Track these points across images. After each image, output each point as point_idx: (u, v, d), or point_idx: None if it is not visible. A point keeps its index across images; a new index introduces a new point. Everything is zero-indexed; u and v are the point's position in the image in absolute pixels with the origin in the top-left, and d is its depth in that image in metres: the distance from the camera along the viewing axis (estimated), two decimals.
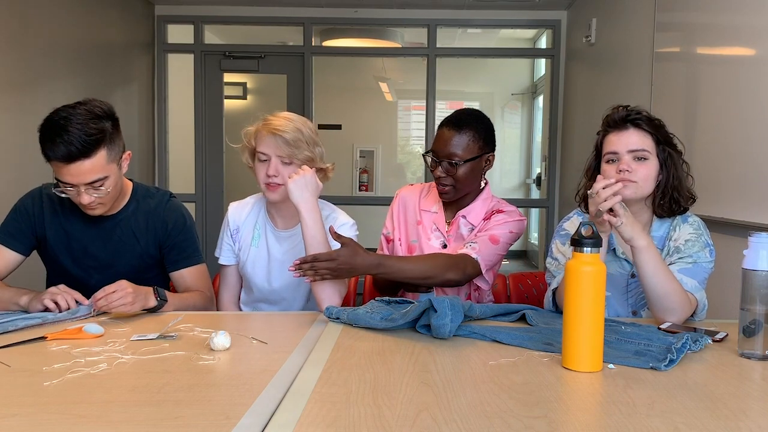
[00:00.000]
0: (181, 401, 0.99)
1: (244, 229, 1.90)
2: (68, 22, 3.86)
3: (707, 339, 1.31)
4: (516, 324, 1.51)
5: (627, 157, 1.55)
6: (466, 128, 1.83)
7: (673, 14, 3.00)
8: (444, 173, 1.84)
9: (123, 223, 1.77)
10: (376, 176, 7.57)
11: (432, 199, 1.99)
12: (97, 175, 1.59)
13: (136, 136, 4.79)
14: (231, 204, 1.96)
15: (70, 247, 1.76)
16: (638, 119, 1.57)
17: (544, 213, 5.39)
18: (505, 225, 1.87)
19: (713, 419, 0.92)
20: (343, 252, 1.59)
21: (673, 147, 1.59)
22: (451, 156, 1.81)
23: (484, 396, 1.00)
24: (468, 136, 1.83)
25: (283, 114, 1.80)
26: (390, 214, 2.04)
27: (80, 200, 1.61)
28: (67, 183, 1.59)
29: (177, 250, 1.80)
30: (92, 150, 1.56)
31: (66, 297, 1.54)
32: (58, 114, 1.56)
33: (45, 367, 1.15)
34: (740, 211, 2.27)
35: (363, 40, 5.88)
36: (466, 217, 1.92)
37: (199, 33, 5.22)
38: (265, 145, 1.75)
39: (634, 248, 1.43)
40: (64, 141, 1.52)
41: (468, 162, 1.83)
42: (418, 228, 1.97)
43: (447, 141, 1.82)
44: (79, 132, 1.53)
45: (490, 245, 1.82)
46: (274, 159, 1.75)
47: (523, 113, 7.89)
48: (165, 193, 1.86)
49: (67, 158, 1.54)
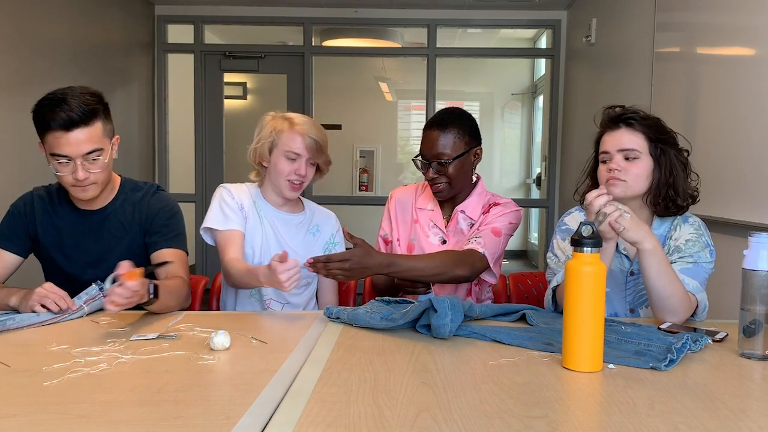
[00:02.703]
0: (181, 401, 0.99)
1: (245, 206, 1.90)
2: (68, 23, 3.86)
3: (707, 339, 1.31)
4: (516, 324, 1.51)
5: (618, 157, 1.56)
6: (450, 126, 1.87)
7: (673, 14, 3.00)
8: (436, 174, 1.88)
9: (112, 215, 1.79)
10: (376, 176, 7.57)
11: (427, 197, 2.01)
12: (94, 145, 1.63)
13: (136, 136, 4.79)
14: (224, 185, 1.93)
15: (62, 244, 1.77)
16: (630, 118, 1.58)
17: (544, 213, 5.39)
18: (504, 217, 1.90)
19: (713, 419, 0.92)
20: (357, 253, 1.61)
21: (671, 145, 1.58)
22: (439, 156, 1.85)
23: (484, 396, 1.00)
24: (453, 134, 1.87)
25: (302, 115, 1.91)
26: (386, 216, 2.06)
27: (76, 175, 1.63)
28: (64, 156, 1.61)
29: (160, 233, 1.79)
30: (90, 119, 1.62)
31: (56, 299, 1.54)
32: (54, 92, 1.63)
33: (45, 367, 1.15)
34: (740, 211, 2.27)
35: (363, 40, 5.88)
36: (465, 212, 1.95)
37: (199, 33, 5.22)
38: (298, 145, 1.83)
39: (641, 251, 1.43)
40: (64, 109, 1.59)
41: (457, 159, 1.86)
42: (415, 227, 1.99)
43: (434, 142, 1.87)
44: (77, 102, 1.60)
45: (494, 238, 1.85)
46: (304, 160, 1.84)
47: (523, 113, 7.88)
48: (152, 185, 1.88)
49: (68, 124, 1.59)
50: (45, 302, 1.54)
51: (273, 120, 1.88)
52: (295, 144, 1.83)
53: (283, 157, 1.84)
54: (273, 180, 1.89)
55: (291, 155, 1.84)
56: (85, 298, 1.60)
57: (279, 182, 1.87)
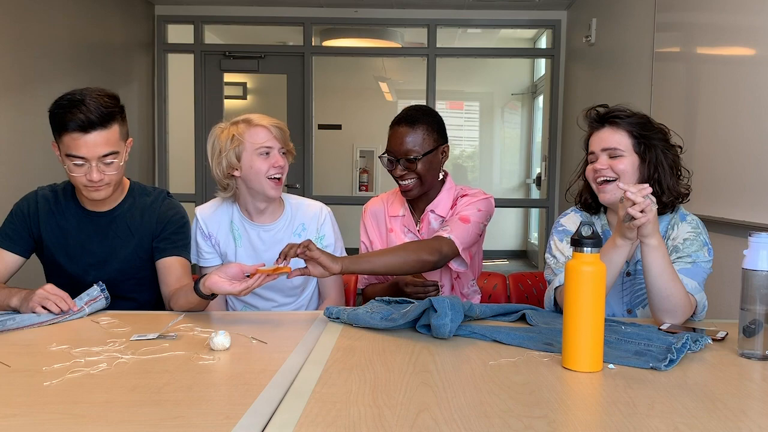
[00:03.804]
0: (181, 401, 0.99)
1: (220, 234, 1.89)
2: (68, 23, 3.86)
3: (707, 339, 1.31)
4: (516, 324, 1.51)
5: (602, 157, 1.57)
6: (418, 124, 1.88)
7: (673, 14, 3.00)
8: (404, 170, 1.88)
9: (119, 218, 1.78)
10: (376, 176, 7.57)
11: (398, 204, 2.02)
12: (111, 147, 1.63)
13: (136, 136, 4.80)
14: (198, 209, 1.93)
15: (67, 245, 1.76)
16: (613, 117, 1.58)
17: (544, 213, 5.39)
18: (472, 205, 1.89)
19: (713, 419, 0.92)
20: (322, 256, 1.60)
21: (657, 141, 1.57)
22: (408, 153, 1.86)
23: (484, 396, 1.00)
24: (422, 131, 1.87)
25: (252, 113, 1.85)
26: (363, 229, 2.07)
27: (90, 176, 1.63)
28: (80, 157, 1.61)
29: (169, 240, 1.79)
30: (109, 121, 1.62)
31: (56, 301, 1.55)
32: (72, 93, 1.63)
33: (45, 367, 1.15)
34: (740, 211, 2.27)
35: (363, 40, 5.88)
36: (435, 211, 1.96)
37: (199, 33, 5.22)
38: (265, 137, 1.78)
39: (646, 246, 1.41)
40: (82, 111, 1.58)
41: (426, 156, 1.87)
42: (390, 236, 2.00)
43: (402, 139, 1.87)
44: (96, 104, 1.60)
45: (462, 224, 1.84)
46: (277, 150, 1.80)
47: (523, 113, 7.88)
48: (162, 191, 1.87)
49: (87, 126, 1.59)
50: (46, 304, 1.54)
51: (226, 129, 1.81)
52: (262, 137, 1.78)
53: (255, 155, 1.77)
54: (252, 184, 1.80)
55: (263, 150, 1.77)
56: (86, 299, 1.60)
57: (260, 183, 1.79)
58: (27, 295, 1.57)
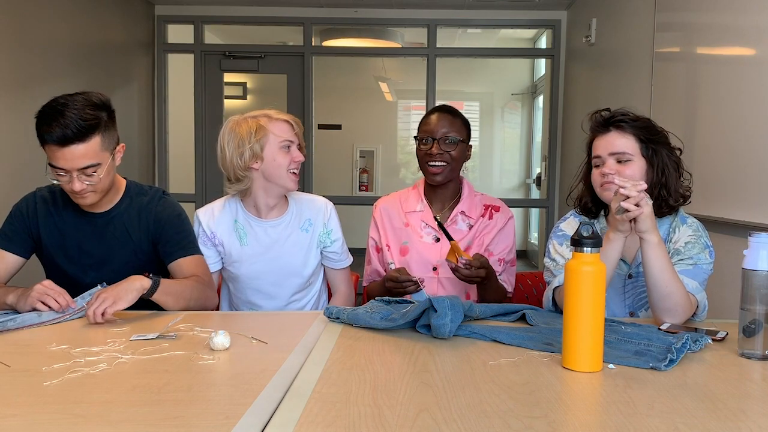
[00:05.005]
0: (181, 401, 0.99)
1: (223, 234, 1.90)
2: (68, 22, 3.86)
3: (707, 339, 1.31)
4: (516, 324, 1.51)
5: (610, 161, 1.56)
6: (458, 116, 2.00)
7: (673, 14, 3.00)
8: (441, 151, 1.93)
9: (116, 219, 1.78)
10: (376, 176, 7.57)
11: (414, 200, 2.05)
12: (90, 161, 1.61)
13: (136, 136, 4.79)
14: (198, 211, 1.94)
15: (65, 246, 1.76)
16: (619, 121, 1.57)
17: (544, 213, 5.39)
18: (510, 237, 2.02)
19: (713, 419, 0.92)
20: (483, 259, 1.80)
21: (662, 144, 1.57)
22: (448, 135, 1.95)
23: (484, 396, 1.00)
24: (460, 122, 2.00)
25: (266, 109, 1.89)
26: (373, 225, 2.08)
27: (72, 187, 1.62)
28: (59, 168, 1.60)
29: (172, 242, 1.79)
30: (87, 135, 1.58)
31: (55, 296, 1.54)
32: (57, 100, 1.60)
33: (45, 367, 1.15)
34: (740, 211, 2.27)
35: (363, 40, 5.88)
36: (465, 212, 2.00)
37: (199, 33, 5.21)
38: (289, 131, 1.84)
39: (646, 243, 1.41)
40: (60, 124, 1.55)
41: (462, 143, 1.97)
42: (407, 230, 2.01)
43: (442, 122, 1.96)
44: (75, 117, 1.56)
45: (513, 270, 2.04)
46: (296, 145, 1.86)
47: (523, 113, 7.88)
48: (158, 190, 1.86)
49: (62, 141, 1.56)
50: (45, 299, 1.53)
51: (243, 123, 1.82)
52: (285, 131, 1.83)
53: (277, 149, 1.81)
54: (272, 178, 1.83)
55: (286, 143, 1.83)
56: (88, 298, 1.59)
57: (281, 176, 1.83)
58: (24, 292, 1.56)
